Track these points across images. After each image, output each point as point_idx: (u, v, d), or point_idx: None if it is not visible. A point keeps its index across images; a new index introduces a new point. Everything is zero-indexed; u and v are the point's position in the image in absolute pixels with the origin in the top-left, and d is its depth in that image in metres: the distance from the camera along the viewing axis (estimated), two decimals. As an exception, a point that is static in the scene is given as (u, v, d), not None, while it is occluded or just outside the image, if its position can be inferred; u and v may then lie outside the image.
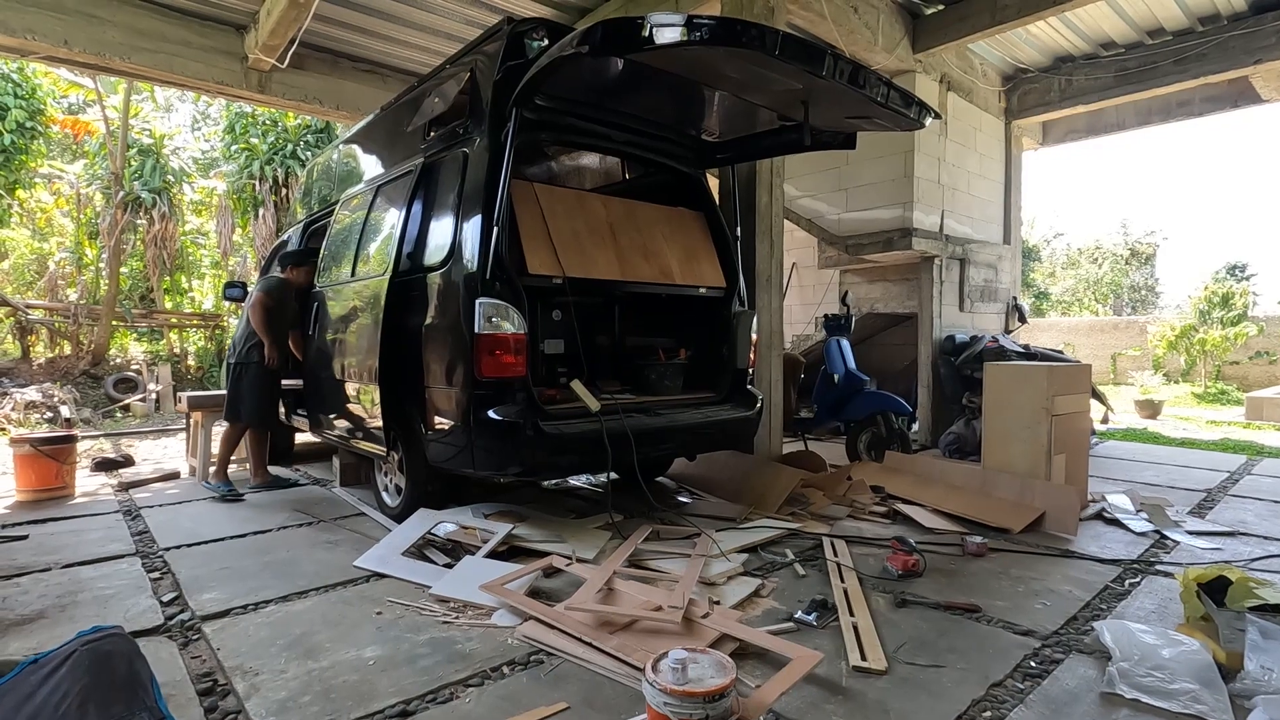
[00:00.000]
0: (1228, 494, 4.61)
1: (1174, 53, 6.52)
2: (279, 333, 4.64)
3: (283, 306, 4.67)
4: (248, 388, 4.58)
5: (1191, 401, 11.52)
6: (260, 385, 4.61)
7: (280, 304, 4.65)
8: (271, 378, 4.66)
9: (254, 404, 4.60)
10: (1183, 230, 78.49)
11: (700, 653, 1.73)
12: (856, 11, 5.51)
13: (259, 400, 4.62)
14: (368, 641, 2.36)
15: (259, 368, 4.57)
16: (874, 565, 3.10)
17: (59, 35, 5.37)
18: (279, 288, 4.68)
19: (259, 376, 4.59)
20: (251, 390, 4.58)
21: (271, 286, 4.66)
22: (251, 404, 4.59)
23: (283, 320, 4.68)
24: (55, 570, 3.12)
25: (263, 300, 4.56)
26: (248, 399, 4.59)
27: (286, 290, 4.72)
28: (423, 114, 3.89)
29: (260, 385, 4.61)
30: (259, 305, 4.55)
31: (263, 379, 4.61)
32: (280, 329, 4.66)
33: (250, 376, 4.59)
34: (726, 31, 2.55)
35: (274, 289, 4.65)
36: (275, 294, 4.63)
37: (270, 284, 4.69)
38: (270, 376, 4.65)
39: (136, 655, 1.45)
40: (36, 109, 11.29)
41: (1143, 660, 2.08)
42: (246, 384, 4.58)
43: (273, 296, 4.60)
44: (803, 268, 8.05)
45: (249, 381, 4.58)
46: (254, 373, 4.58)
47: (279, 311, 4.64)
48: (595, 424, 3.32)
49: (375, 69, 7.08)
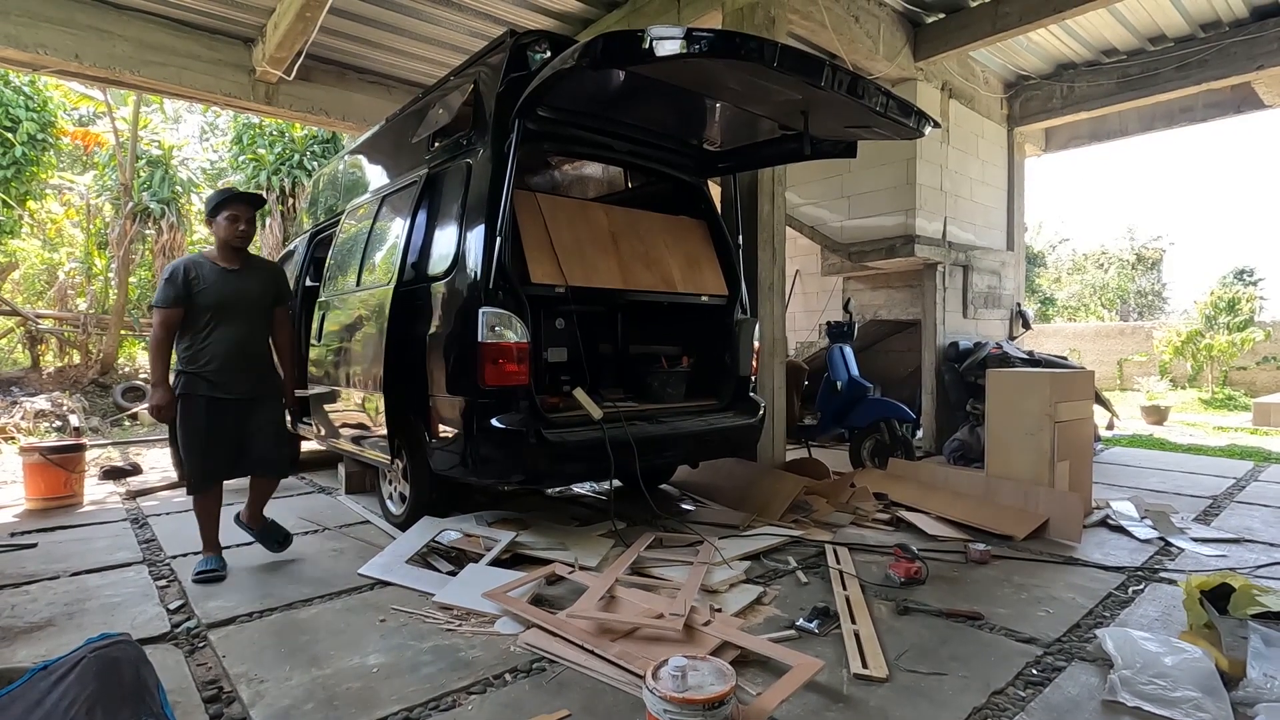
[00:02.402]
0: (1234, 500, 4.58)
1: (1176, 59, 6.53)
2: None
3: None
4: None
5: (1198, 407, 11.46)
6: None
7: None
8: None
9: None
10: (1189, 235, 78.21)
11: (701, 660, 1.75)
12: (857, 21, 5.54)
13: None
14: (371, 649, 2.37)
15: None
16: (877, 572, 3.10)
17: (70, 50, 5.45)
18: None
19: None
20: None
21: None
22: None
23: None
24: (63, 578, 3.15)
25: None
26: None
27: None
28: (427, 125, 3.93)
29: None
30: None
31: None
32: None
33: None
34: (726, 44, 2.58)
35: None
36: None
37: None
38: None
39: (143, 662, 1.47)
40: (47, 121, 11.42)
41: (1145, 668, 2.07)
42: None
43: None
44: (806, 275, 8.06)
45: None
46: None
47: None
48: (598, 432, 3.34)
49: (381, 80, 7.15)
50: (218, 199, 3.18)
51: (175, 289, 3.04)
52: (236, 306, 3.14)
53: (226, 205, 3.15)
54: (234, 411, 3.13)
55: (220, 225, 3.16)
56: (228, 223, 3.15)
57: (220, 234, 3.17)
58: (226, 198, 3.18)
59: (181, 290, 3.04)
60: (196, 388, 3.06)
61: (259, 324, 3.27)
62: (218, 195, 3.22)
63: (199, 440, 3.08)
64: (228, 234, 3.16)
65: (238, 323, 3.15)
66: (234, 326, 3.13)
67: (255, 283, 3.25)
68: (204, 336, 3.09)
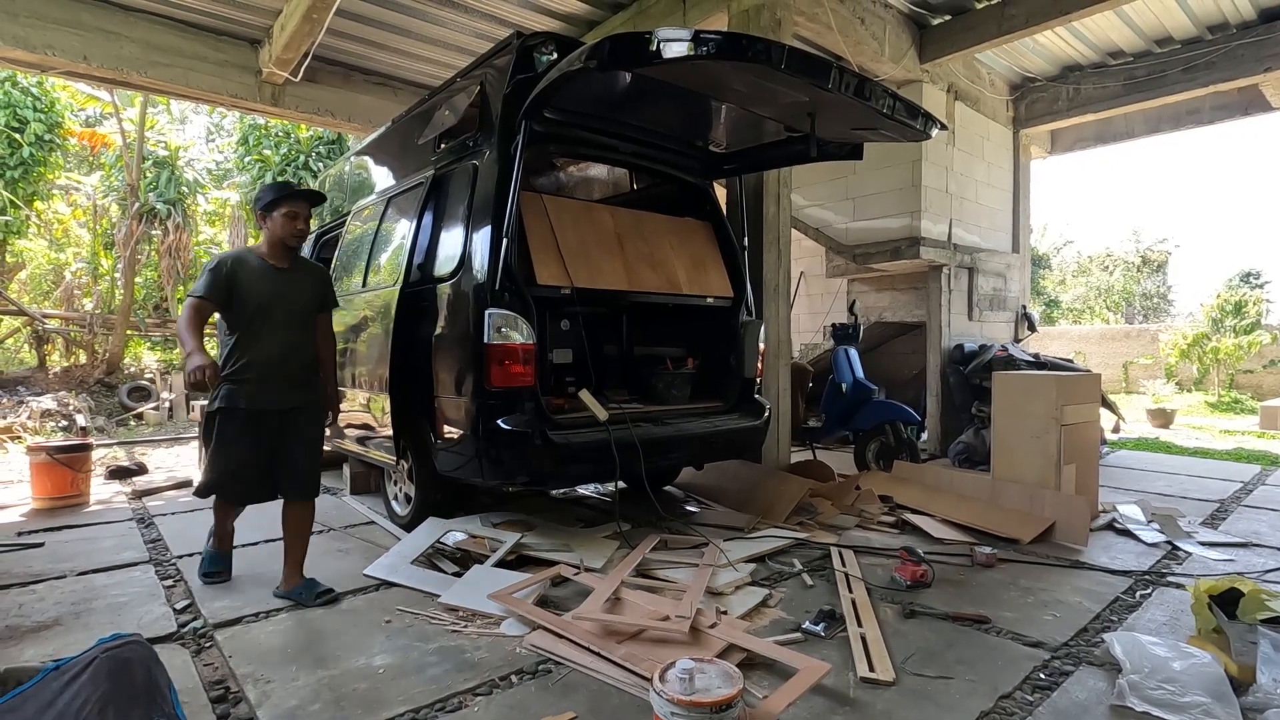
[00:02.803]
0: (1241, 504, 4.56)
1: (1183, 61, 6.51)
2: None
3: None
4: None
5: (1204, 410, 11.41)
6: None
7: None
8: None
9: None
10: (1195, 238, 77.83)
11: (707, 663, 1.74)
12: (863, 23, 5.54)
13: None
14: (377, 650, 2.38)
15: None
16: (882, 575, 3.09)
17: (78, 51, 5.47)
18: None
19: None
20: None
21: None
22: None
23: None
24: (70, 577, 3.16)
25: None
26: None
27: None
28: (433, 127, 3.94)
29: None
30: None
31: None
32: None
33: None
34: (733, 46, 2.58)
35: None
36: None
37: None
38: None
39: (155, 662, 1.48)
40: (55, 122, 11.49)
41: (1153, 673, 2.06)
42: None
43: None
44: (810, 277, 8.05)
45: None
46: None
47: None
48: (603, 433, 3.34)
49: (387, 82, 7.17)
50: (276, 193, 2.94)
51: (217, 283, 2.80)
52: (283, 308, 2.91)
53: (286, 201, 2.92)
54: (273, 424, 2.88)
55: (276, 221, 2.90)
56: (286, 219, 2.90)
57: (276, 231, 2.92)
58: (287, 194, 2.95)
59: (224, 286, 2.81)
60: (237, 399, 2.82)
61: (306, 329, 3.02)
62: (276, 189, 2.97)
63: (232, 458, 2.86)
64: (285, 231, 2.92)
65: (284, 326, 2.90)
66: (280, 330, 2.89)
67: (304, 285, 3.02)
68: (248, 340, 2.85)
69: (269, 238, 2.95)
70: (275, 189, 2.97)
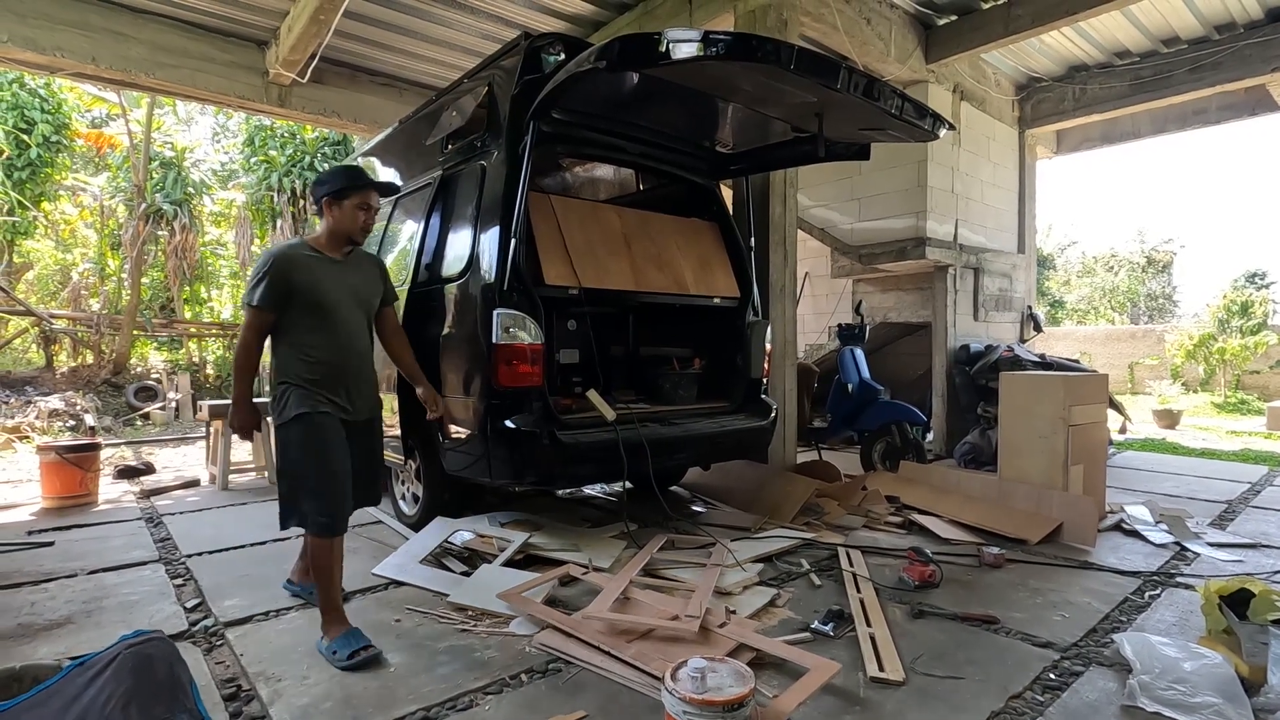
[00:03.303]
0: (1249, 505, 4.55)
1: (1189, 61, 6.49)
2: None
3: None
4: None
5: (1211, 411, 11.37)
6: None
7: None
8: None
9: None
10: (1200, 238, 77.70)
11: (719, 662, 1.75)
12: (869, 23, 5.54)
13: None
14: (387, 649, 2.38)
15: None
16: (890, 576, 3.09)
17: (86, 53, 5.50)
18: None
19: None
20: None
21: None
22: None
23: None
24: (81, 576, 3.18)
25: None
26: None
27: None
28: (441, 127, 3.95)
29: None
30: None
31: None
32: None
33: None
34: (742, 46, 2.58)
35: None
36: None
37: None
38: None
39: (177, 659, 1.49)
40: (62, 123, 11.55)
41: (1164, 673, 2.06)
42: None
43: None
44: (816, 277, 8.05)
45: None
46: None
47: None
48: (610, 433, 3.34)
49: (393, 83, 7.19)
50: (347, 180, 2.58)
51: (277, 288, 2.42)
52: (349, 303, 2.57)
53: (358, 190, 2.56)
54: (353, 434, 2.57)
55: (345, 211, 2.54)
56: (358, 210, 2.55)
57: (344, 222, 2.56)
58: (361, 182, 2.59)
59: (282, 288, 2.43)
60: (318, 404, 2.45)
61: (367, 326, 2.69)
62: (346, 175, 2.61)
63: (325, 470, 2.41)
64: (353, 224, 2.56)
65: (347, 325, 2.56)
66: (344, 330, 2.55)
67: (367, 275, 2.69)
68: (314, 339, 2.49)
69: (333, 228, 2.58)
70: (345, 175, 2.62)
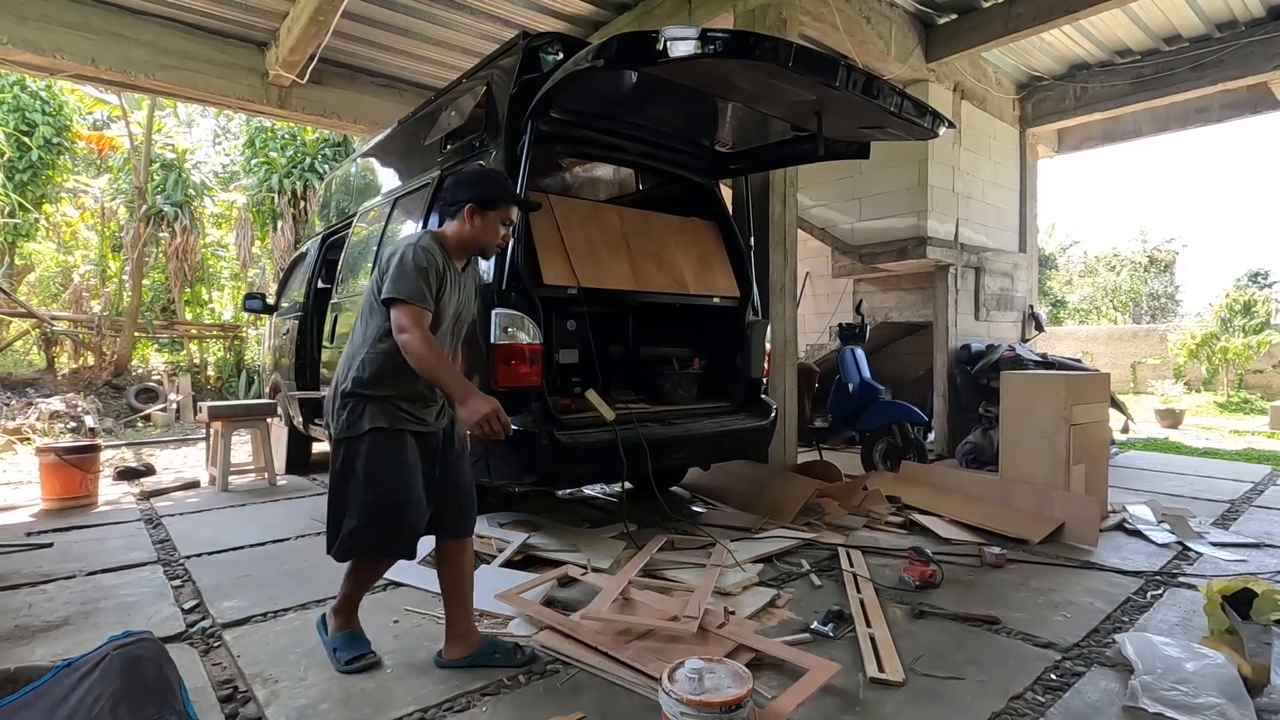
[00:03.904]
0: (1252, 505, 4.53)
1: (1191, 59, 6.47)
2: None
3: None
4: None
5: (1214, 411, 11.34)
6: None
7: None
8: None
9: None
10: (1203, 237, 77.54)
11: (717, 662, 1.73)
12: (869, 22, 5.53)
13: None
14: (385, 650, 2.37)
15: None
16: (890, 576, 3.08)
17: (86, 54, 5.51)
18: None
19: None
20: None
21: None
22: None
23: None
24: (79, 577, 3.17)
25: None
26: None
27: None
28: (439, 127, 3.94)
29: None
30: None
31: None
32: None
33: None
34: (740, 44, 2.57)
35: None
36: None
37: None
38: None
39: (166, 660, 1.48)
40: (63, 125, 11.57)
41: (1166, 674, 2.05)
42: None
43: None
44: (816, 277, 8.04)
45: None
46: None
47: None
48: (610, 433, 3.33)
49: (393, 83, 7.19)
50: (502, 190, 2.31)
51: (430, 284, 2.15)
52: (448, 320, 2.32)
53: (509, 203, 2.31)
54: (436, 447, 2.31)
55: (489, 221, 2.28)
56: (500, 225, 2.31)
57: (481, 235, 2.29)
58: (514, 197, 2.36)
59: (434, 286, 2.17)
60: (396, 419, 2.19)
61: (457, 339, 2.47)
62: (501, 185, 2.34)
63: (399, 490, 2.15)
64: (492, 238, 2.31)
65: (443, 341, 2.30)
66: (449, 341, 2.36)
67: (468, 294, 2.44)
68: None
69: (467, 237, 2.29)
70: (498, 184, 2.33)
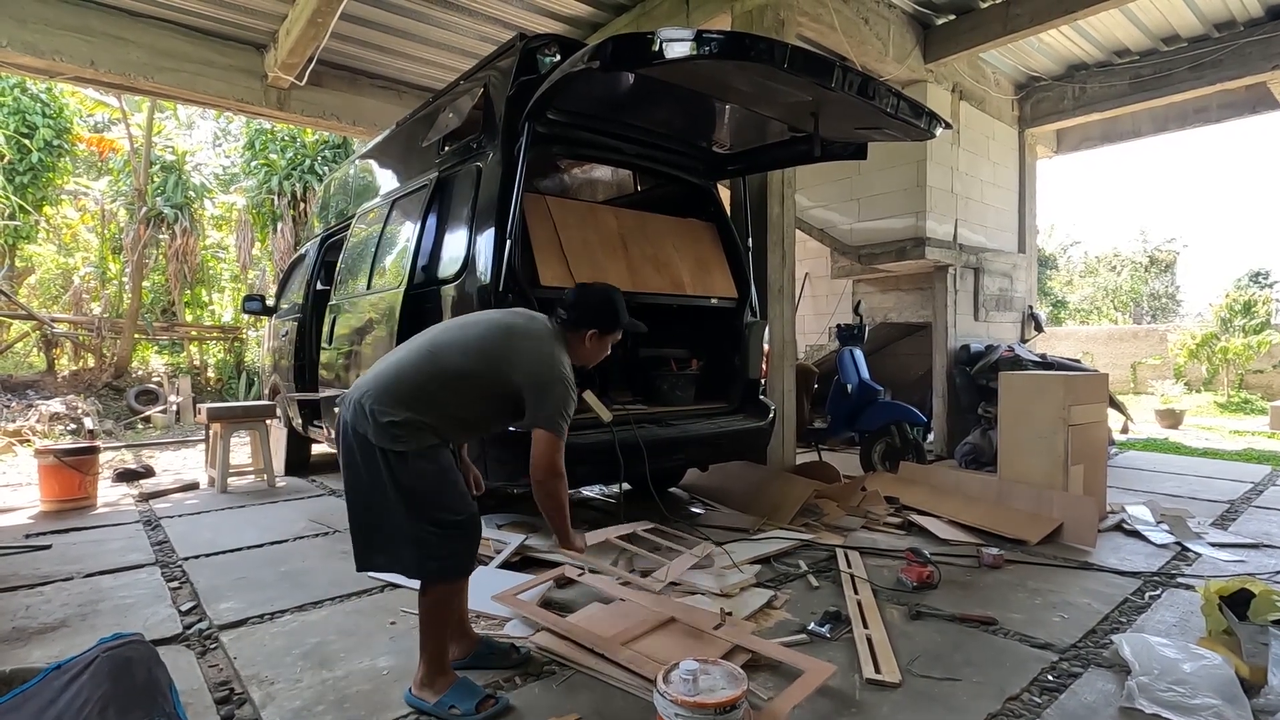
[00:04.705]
0: (1251, 505, 4.52)
1: (1190, 59, 6.47)
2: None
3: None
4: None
5: (1214, 411, 11.33)
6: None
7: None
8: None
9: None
10: (1203, 237, 77.58)
11: (712, 664, 1.73)
12: (867, 23, 5.53)
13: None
14: (381, 651, 2.37)
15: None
16: (888, 577, 3.07)
17: (86, 57, 5.51)
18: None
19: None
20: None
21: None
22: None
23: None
24: (77, 579, 3.17)
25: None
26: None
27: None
28: (437, 129, 3.95)
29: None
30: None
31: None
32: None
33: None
34: (736, 46, 2.58)
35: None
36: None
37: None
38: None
39: (156, 662, 1.48)
40: (63, 128, 11.59)
41: (1163, 674, 2.04)
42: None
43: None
44: (815, 278, 8.04)
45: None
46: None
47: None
48: (607, 435, 3.33)
49: (391, 85, 7.20)
50: (620, 321, 2.40)
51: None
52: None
53: (620, 330, 2.42)
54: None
55: (602, 345, 2.40)
56: (607, 346, 2.44)
57: (593, 354, 2.40)
58: (627, 325, 2.44)
59: None
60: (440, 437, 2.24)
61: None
62: (621, 314, 2.40)
63: (464, 495, 2.18)
64: (597, 358, 2.44)
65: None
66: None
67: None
68: (481, 424, 2.48)
69: (578, 354, 2.37)
70: (618, 313, 2.39)
